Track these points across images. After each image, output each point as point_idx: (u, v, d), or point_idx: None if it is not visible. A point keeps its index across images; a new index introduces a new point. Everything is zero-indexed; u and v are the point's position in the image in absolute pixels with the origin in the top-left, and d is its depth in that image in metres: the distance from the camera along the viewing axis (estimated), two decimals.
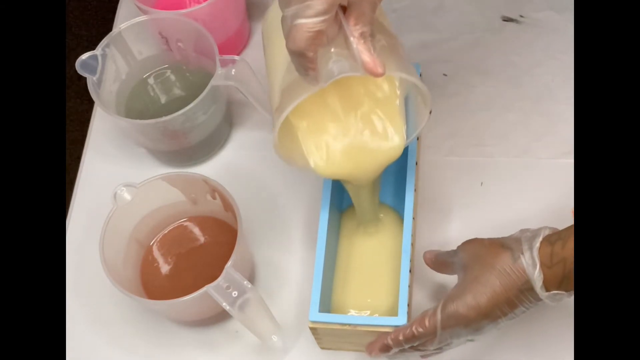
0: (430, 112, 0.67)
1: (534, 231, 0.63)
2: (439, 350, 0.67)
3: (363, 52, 0.58)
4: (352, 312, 0.73)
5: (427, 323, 0.64)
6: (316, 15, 0.55)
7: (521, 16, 0.90)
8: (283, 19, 0.58)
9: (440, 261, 0.71)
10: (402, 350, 0.67)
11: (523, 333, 0.73)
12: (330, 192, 0.73)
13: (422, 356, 0.69)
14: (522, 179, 0.80)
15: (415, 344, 0.66)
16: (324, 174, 0.68)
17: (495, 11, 0.90)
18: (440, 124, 0.84)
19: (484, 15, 0.90)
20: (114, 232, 0.73)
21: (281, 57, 0.64)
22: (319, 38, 0.56)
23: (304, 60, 0.57)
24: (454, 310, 0.63)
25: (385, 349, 0.67)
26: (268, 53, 0.70)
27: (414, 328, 0.65)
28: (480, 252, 0.65)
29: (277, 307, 0.73)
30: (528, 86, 0.85)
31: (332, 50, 0.59)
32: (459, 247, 0.68)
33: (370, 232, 0.76)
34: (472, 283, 0.63)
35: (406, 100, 0.69)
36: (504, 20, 0.90)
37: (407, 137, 0.68)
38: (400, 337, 0.65)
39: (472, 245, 0.67)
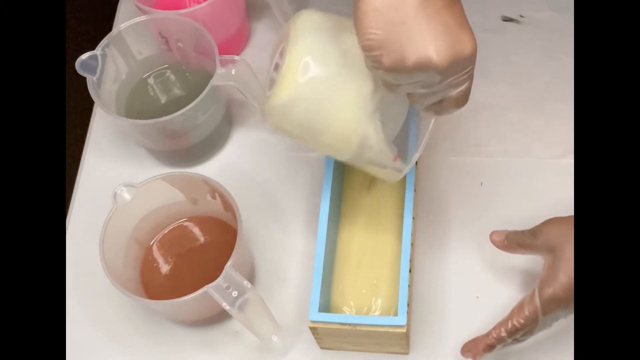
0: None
1: None
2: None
3: None
4: (352, 312, 0.73)
5: (526, 312, 0.65)
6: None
7: (521, 16, 0.90)
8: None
9: (515, 242, 0.70)
10: (505, 345, 0.67)
11: None
12: (330, 193, 0.73)
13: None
14: (522, 179, 0.80)
15: (517, 336, 0.66)
16: None
17: (495, 11, 0.90)
18: (440, 124, 0.83)
19: (484, 15, 0.90)
20: (114, 232, 0.73)
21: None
22: None
23: None
24: (552, 294, 0.64)
25: (489, 349, 0.67)
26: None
27: (514, 321, 0.65)
28: (568, 232, 0.65)
29: (277, 307, 0.73)
30: (528, 86, 0.85)
31: None
32: (538, 228, 0.68)
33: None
34: (566, 264, 0.63)
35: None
36: (504, 20, 0.90)
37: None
38: (503, 334, 0.66)
39: (557, 225, 0.67)
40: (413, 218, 0.72)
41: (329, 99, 0.63)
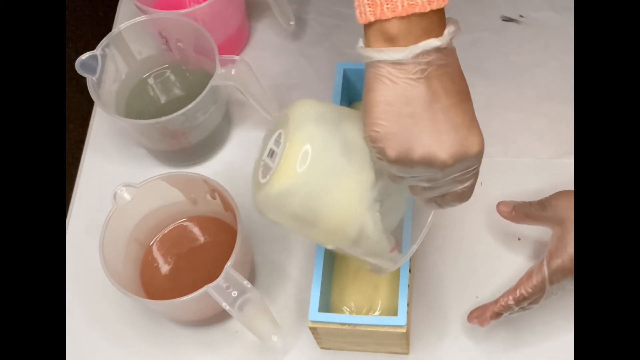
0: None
1: None
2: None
3: None
4: (352, 312, 0.73)
5: (534, 281, 0.66)
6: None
7: (521, 16, 0.90)
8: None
9: (523, 212, 0.72)
10: (511, 313, 0.69)
11: (524, 329, 0.73)
12: None
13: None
14: (522, 179, 0.80)
15: (524, 305, 0.68)
16: None
17: (495, 11, 0.90)
18: None
19: (484, 15, 0.90)
20: (114, 232, 0.73)
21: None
22: None
23: None
24: (560, 264, 0.65)
25: (496, 316, 0.68)
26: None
27: (522, 289, 0.67)
28: None
29: (277, 307, 0.73)
30: (528, 86, 0.85)
31: None
32: (547, 200, 0.70)
33: None
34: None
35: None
36: (504, 20, 0.90)
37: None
38: (511, 302, 0.67)
39: (565, 198, 0.69)
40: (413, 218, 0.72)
41: (328, 190, 0.59)
